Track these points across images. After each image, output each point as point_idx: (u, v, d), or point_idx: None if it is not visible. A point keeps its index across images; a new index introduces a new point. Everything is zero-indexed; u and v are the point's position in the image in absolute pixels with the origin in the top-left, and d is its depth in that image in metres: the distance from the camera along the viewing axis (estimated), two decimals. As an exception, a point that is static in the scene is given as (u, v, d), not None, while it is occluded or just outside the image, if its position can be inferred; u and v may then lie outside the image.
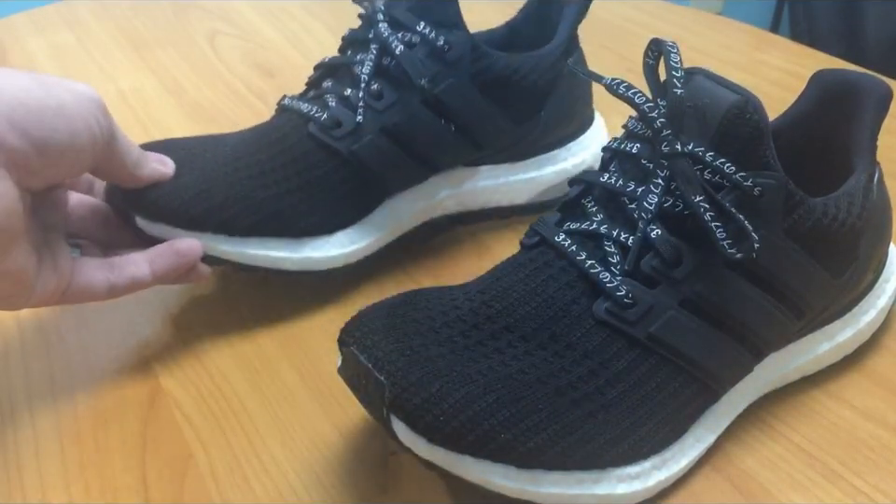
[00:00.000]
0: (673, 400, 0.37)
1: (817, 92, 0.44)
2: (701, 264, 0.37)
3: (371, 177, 0.48)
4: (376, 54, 0.48)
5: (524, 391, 0.35)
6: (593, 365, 0.36)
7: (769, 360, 0.41)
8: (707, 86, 0.37)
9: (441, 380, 0.34)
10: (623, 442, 0.36)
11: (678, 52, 0.37)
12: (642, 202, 0.37)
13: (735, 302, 0.37)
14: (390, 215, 0.51)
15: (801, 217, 0.38)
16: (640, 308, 0.36)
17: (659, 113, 0.37)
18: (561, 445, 0.35)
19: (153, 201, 0.44)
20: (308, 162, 0.47)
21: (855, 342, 0.44)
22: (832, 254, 0.40)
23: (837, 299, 0.42)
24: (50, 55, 0.82)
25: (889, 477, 0.39)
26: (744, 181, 0.36)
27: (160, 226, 0.44)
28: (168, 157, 0.45)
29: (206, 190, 0.45)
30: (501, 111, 0.51)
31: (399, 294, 0.39)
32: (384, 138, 0.48)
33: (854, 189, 0.41)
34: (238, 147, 0.47)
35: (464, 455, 0.34)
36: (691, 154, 0.36)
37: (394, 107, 0.48)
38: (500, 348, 0.36)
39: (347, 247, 0.49)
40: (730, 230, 0.36)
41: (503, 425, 0.34)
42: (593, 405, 0.36)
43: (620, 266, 0.37)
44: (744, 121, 0.36)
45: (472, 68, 0.49)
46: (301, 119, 0.48)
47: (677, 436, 0.38)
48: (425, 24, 0.48)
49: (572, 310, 0.37)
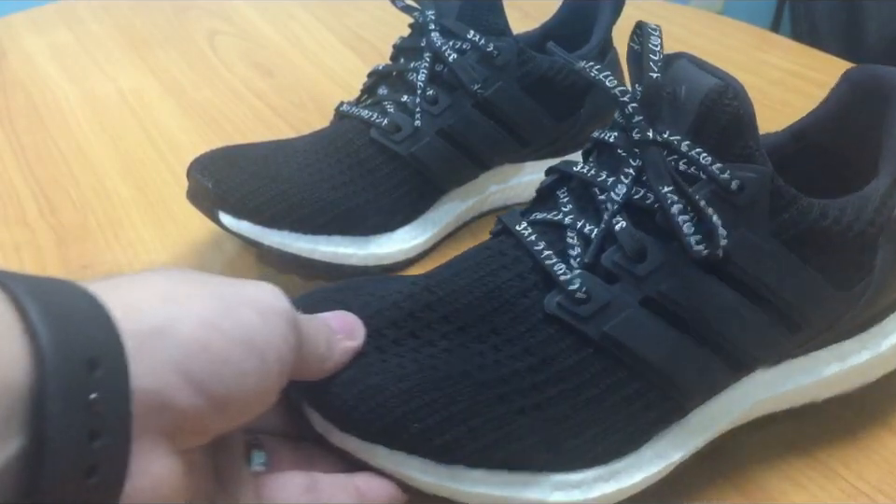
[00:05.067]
0: (625, 408, 0.34)
1: (847, 91, 0.40)
2: (668, 262, 0.33)
3: (429, 177, 0.52)
4: (430, 62, 0.51)
5: (444, 382, 0.33)
6: (533, 361, 0.33)
7: (758, 377, 0.37)
8: (689, 70, 0.34)
9: (355, 368, 0.33)
10: (559, 446, 0.33)
11: (659, 35, 0.34)
12: (611, 192, 0.35)
13: (707, 307, 0.34)
14: (445, 211, 0.54)
15: (792, 218, 0.34)
16: (595, 304, 0.33)
17: (632, 98, 0.34)
18: (482, 441, 0.32)
19: (238, 199, 0.47)
20: (372, 165, 0.51)
21: (876, 367, 0.40)
22: (834, 263, 0.36)
23: (846, 314, 0.37)
24: (50, 55, 0.81)
25: (890, 477, 0.39)
26: (720, 173, 0.33)
27: (243, 223, 0.48)
28: (349, 314, 0.35)
29: (284, 192, 0.48)
30: (544, 110, 0.54)
31: (349, 279, 0.38)
32: (440, 140, 0.51)
33: (871, 193, 0.37)
34: (309, 153, 0.51)
35: (376, 445, 0.32)
36: (664, 142, 0.33)
37: (448, 111, 0.51)
38: (433, 340, 0.34)
39: (408, 243, 0.52)
40: (701, 225, 0.33)
41: (415, 414, 0.32)
42: (525, 402, 0.33)
43: (579, 259, 0.34)
44: (722, 108, 0.33)
45: (519, 71, 0.52)
46: (363, 125, 0.52)
47: (630, 447, 0.35)
48: (474, 32, 0.51)
49: (520, 302, 0.34)
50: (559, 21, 0.59)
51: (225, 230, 0.48)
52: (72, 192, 0.61)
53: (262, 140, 0.54)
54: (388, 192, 0.51)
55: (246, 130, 0.68)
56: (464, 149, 0.52)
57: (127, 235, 0.56)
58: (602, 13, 0.56)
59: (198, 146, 0.66)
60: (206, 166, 0.49)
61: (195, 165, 0.50)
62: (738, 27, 0.84)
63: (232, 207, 0.47)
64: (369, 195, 0.50)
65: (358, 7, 0.89)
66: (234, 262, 0.53)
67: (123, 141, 0.67)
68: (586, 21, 0.57)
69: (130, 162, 0.64)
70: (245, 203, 0.47)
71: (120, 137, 0.67)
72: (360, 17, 0.87)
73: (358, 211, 0.50)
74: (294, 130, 0.67)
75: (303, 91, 0.74)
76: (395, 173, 0.51)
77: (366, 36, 0.83)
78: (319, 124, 0.55)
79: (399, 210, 0.51)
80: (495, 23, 0.52)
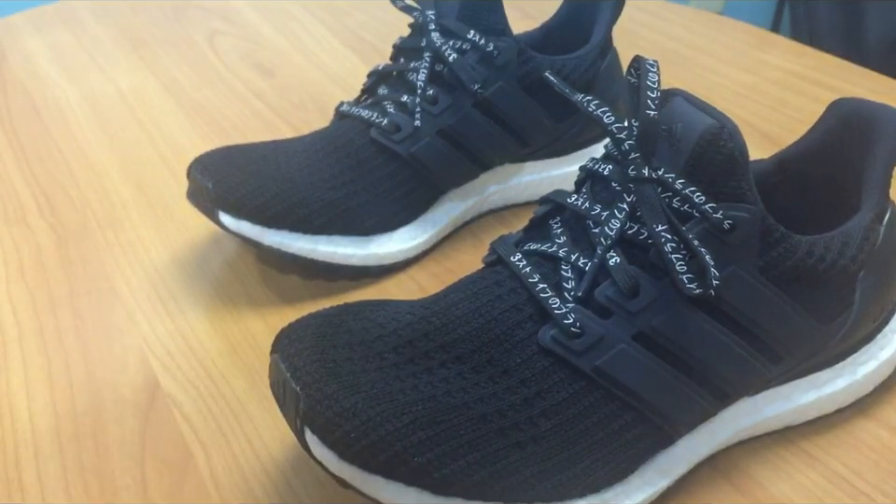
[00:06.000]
0: (617, 438, 0.35)
1: (833, 122, 0.41)
2: (660, 298, 0.34)
3: (429, 177, 0.52)
4: (430, 62, 0.51)
5: (444, 415, 0.33)
6: (528, 394, 0.34)
7: (741, 405, 0.38)
8: (684, 109, 0.35)
9: (358, 395, 0.33)
10: (553, 478, 0.34)
11: (656, 71, 0.35)
12: (604, 226, 0.35)
13: (697, 342, 0.35)
14: (445, 211, 0.54)
15: (780, 256, 0.35)
16: (588, 338, 0.34)
17: (629, 134, 0.35)
18: (480, 475, 0.33)
19: (238, 199, 0.47)
20: (372, 165, 0.51)
21: (851, 394, 0.41)
22: (818, 298, 0.37)
23: (826, 346, 0.39)
24: (50, 55, 0.82)
25: (890, 477, 0.39)
26: (713, 212, 0.34)
27: (243, 223, 0.48)
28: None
29: (285, 191, 0.48)
30: (544, 110, 0.54)
31: (347, 303, 0.38)
32: (440, 140, 0.51)
33: (853, 229, 0.38)
34: (309, 153, 0.51)
35: (375, 476, 0.33)
36: (659, 180, 0.34)
37: (448, 111, 0.51)
38: (431, 368, 0.34)
39: (408, 243, 0.52)
40: (693, 263, 0.34)
41: (417, 447, 0.32)
42: (522, 435, 0.34)
43: (573, 292, 0.35)
44: (717, 149, 0.33)
45: (519, 71, 0.52)
46: (363, 125, 0.52)
47: (620, 476, 0.36)
48: (474, 32, 0.51)
49: (516, 334, 0.35)
50: (559, 21, 0.59)
51: (225, 230, 0.48)
52: (72, 192, 0.61)
53: (262, 140, 0.54)
54: (388, 192, 0.51)
55: (246, 130, 0.68)
56: (464, 149, 0.52)
57: (127, 235, 0.56)
58: (602, 13, 0.56)
59: (198, 146, 0.66)
60: (206, 166, 0.49)
61: (195, 165, 0.50)
62: (738, 27, 0.84)
63: (232, 207, 0.48)
64: (369, 195, 0.50)
65: (358, 7, 0.89)
66: (234, 262, 0.53)
67: (123, 141, 0.67)
68: (586, 21, 0.57)
69: (130, 162, 0.64)
70: (245, 202, 0.48)
71: (120, 137, 0.67)
72: (360, 17, 0.87)
73: (358, 211, 0.50)
74: (294, 130, 0.67)
75: (303, 91, 0.74)
76: (395, 173, 0.51)
77: (366, 36, 0.83)
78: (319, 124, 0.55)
79: (398, 210, 0.52)
80: (495, 23, 0.52)
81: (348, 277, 0.51)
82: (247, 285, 0.51)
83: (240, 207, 0.48)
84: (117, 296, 0.51)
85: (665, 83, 0.54)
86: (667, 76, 0.71)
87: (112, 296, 0.51)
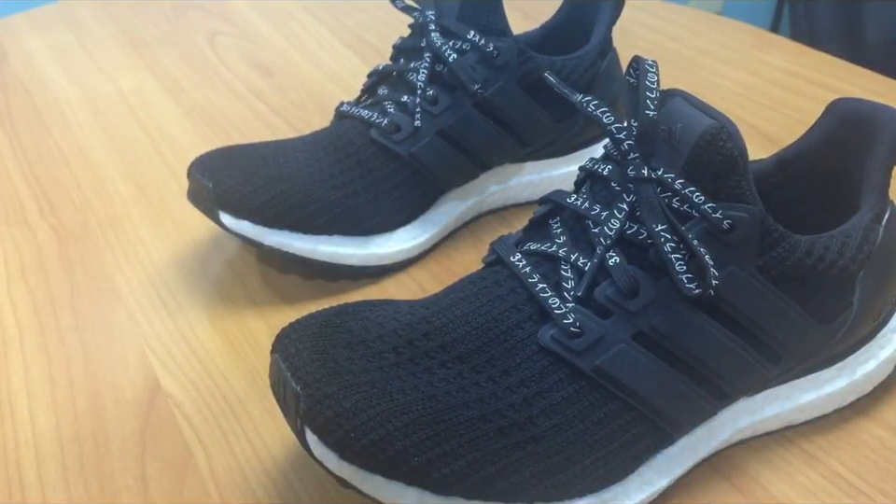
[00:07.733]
0: (617, 438, 0.35)
1: (832, 122, 0.41)
2: (660, 297, 0.34)
3: (429, 177, 0.52)
4: (430, 62, 0.51)
5: (445, 414, 0.33)
6: (528, 393, 0.34)
7: (740, 405, 0.39)
8: (683, 109, 0.35)
9: (358, 395, 0.33)
10: (553, 477, 0.34)
11: (655, 72, 0.35)
12: (604, 226, 0.35)
13: (696, 342, 0.35)
14: (445, 211, 0.54)
15: (780, 256, 0.35)
16: (588, 338, 0.34)
17: (628, 134, 0.35)
18: (481, 474, 0.33)
19: (238, 199, 0.47)
20: (372, 165, 0.51)
21: (850, 393, 0.41)
22: (817, 298, 0.37)
23: (825, 346, 0.39)
24: (50, 55, 0.82)
25: (890, 477, 0.39)
26: (712, 212, 0.34)
27: (243, 223, 0.48)
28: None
29: (285, 191, 0.48)
30: (544, 110, 0.54)
31: (347, 303, 0.38)
32: (440, 140, 0.51)
33: (853, 229, 0.38)
34: (309, 153, 0.51)
35: (375, 475, 0.33)
36: (658, 180, 0.34)
37: (448, 111, 0.51)
38: (431, 367, 0.34)
39: (408, 243, 0.52)
40: (692, 263, 0.34)
41: (417, 447, 0.32)
42: (522, 435, 0.34)
43: (573, 292, 0.35)
44: (716, 149, 0.34)
45: (519, 71, 0.52)
46: (363, 125, 0.52)
47: (619, 476, 0.36)
48: (474, 32, 0.51)
49: (515, 334, 0.35)
50: (559, 21, 0.60)
51: (225, 230, 0.48)
52: (72, 192, 0.61)
53: (262, 140, 0.54)
54: (388, 192, 0.51)
55: (246, 130, 0.68)
56: (464, 149, 0.52)
57: (127, 235, 0.56)
58: (602, 13, 0.56)
59: (198, 146, 0.66)
60: (206, 166, 0.49)
61: (195, 165, 0.50)
62: (738, 27, 0.84)
63: (232, 207, 0.48)
64: (369, 195, 0.50)
65: (358, 7, 0.89)
66: (234, 262, 0.53)
67: (123, 141, 0.67)
68: (586, 21, 0.57)
69: (130, 162, 0.64)
70: (245, 202, 0.48)
71: (120, 137, 0.67)
72: (360, 17, 0.87)
73: (358, 211, 0.50)
74: (294, 130, 0.67)
75: (303, 91, 0.74)
76: (395, 173, 0.51)
77: (366, 36, 0.83)
78: (319, 124, 0.55)
79: (398, 210, 0.52)
80: (495, 23, 0.52)
81: (348, 277, 0.51)
82: (248, 285, 0.51)
83: (240, 207, 0.48)
84: (117, 296, 0.51)
85: (665, 83, 0.54)
86: (667, 76, 0.71)
87: (112, 296, 0.51)
